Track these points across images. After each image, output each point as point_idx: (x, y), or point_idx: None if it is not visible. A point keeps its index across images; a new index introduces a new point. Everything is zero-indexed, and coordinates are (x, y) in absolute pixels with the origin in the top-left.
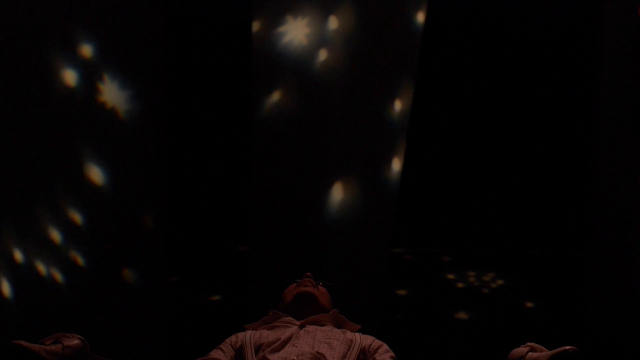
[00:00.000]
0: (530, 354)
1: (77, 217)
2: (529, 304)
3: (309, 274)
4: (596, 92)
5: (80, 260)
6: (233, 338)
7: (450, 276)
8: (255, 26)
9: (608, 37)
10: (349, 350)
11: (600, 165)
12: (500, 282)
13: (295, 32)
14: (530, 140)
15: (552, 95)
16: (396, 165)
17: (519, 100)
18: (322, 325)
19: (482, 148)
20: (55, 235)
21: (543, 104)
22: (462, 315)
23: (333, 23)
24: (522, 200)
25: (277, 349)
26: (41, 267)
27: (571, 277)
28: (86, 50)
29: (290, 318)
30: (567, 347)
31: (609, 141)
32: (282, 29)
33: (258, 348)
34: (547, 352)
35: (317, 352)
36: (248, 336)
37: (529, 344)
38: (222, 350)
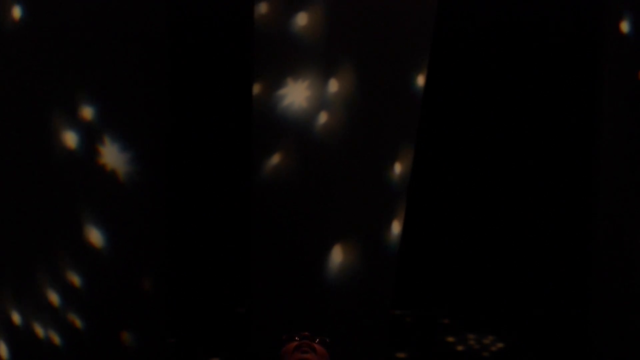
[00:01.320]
0: None
1: (75, 279)
2: None
3: (306, 333)
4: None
5: (78, 322)
6: None
7: (450, 339)
8: (256, 89)
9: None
10: None
11: (600, 225)
12: (500, 345)
13: (296, 94)
14: (528, 202)
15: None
16: (396, 227)
17: (517, 157)
18: None
19: (481, 211)
20: (54, 297)
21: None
22: None
23: (333, 86)
24: (523, 262)
25: None
26: (39, 330)
27: (572, 339)
28: (87, 112)
29: None
30: None
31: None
32: (282, 91)
33: None
34: None
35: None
36: None
37: None
38: None
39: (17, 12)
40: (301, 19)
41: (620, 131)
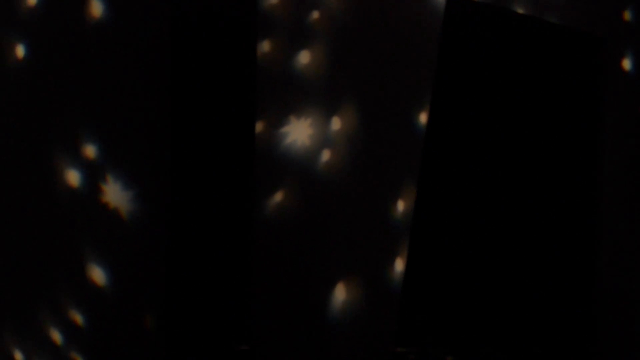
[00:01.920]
0: None
1: (78, 317)
2: None
3: None
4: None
5: None
6: None
7: None
8: (259, 127)
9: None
10: None
11: (605, 271)
12: None
13: (299, 132)
14: (532, 241)
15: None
16: (399, 265)
17: (519, 197)
18: None
19: (485, 248)
20: (56, 335)
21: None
22: None
23: (336, 124)
24: (528, 300)
25: None
26: None
27: None
28: (90, 150)
29: None
30: None
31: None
32: (285, 129)
33: None
34: None
35: None
36: None
37: None
38: None
39: (20, 50)
40: (304, 57)
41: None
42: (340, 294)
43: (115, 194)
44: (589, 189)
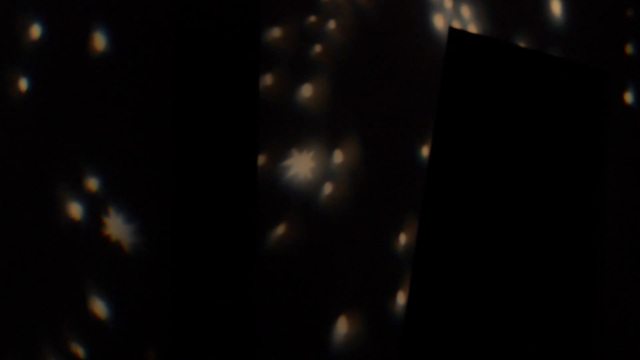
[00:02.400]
0: None
1: (79, 350)
2: None
3: None
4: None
5: None
6: None
7: None
8: (261, 160)
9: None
10: None
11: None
12: None
13: (301, 165)
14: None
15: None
16: (401, 298)
17: (523, 230)
18: None
19: (489, 282)
20: None
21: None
22: None
23: (338, 157)
24: (533, 335)
25: None
26: None
27: None
28: (92, 183)
29: None
30: None
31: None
32: (287, 162)
33: None
34: None
35: None
36: None
37: None
38: None
39: (23, 83)
40: (306, 90)
41: (623, 200)
42: (342, 327)
43: (117, 226)
44: (591, 222)
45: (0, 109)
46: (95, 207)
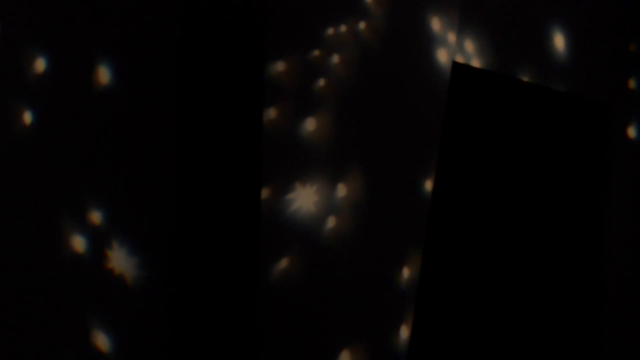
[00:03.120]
0: None
1: None
2: None
3: None
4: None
5: None
6: None
7: None
8: (265, 193)
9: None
10: None
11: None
12: None
13: (304, 199)
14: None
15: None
16: (404, 332)
17: (525, 263)
18: None
19: (493, 317)
20: None
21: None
22: None
23: (342, 190)
24: None
25: None
26: None
27: None
28: (95, 217)
29: None
30: None
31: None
32: (291, 195)
33: None
34: None
35: None
36: None
37: None
38: None
39: (28, 117)
40: (309, 124)
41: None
42: None
43: (120, 260)
44: (594, 257)
45: (4, 142)
46: (99, 240)
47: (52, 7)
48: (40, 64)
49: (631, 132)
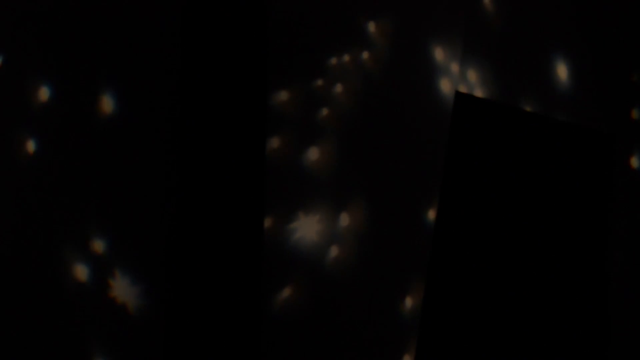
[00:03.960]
0: None
1: None
2: None
3: None
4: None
5: None
6: None
7: None
8: (267, 222)
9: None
10: None
11: None
12: None
13: (307, 228)
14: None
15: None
16: None
17: (529, 292)
18: None
19: (497, 348)
20: None
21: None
22: None
23: (344, 220)
24: None
25: None
26: None
27: None
28: (98, 245)
29: None
30: None
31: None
32: (293, 225)
33: None
34: None
35: None
36: None
37: None
38: None
39: (31, 145)
40: (312, 153)
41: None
42: None
43: (123, 289)
44: (598, 287)
45: (7, 170)
46: (101, 269)
47: (54, 35)
48: (43, 93)
49: (634, 161)
